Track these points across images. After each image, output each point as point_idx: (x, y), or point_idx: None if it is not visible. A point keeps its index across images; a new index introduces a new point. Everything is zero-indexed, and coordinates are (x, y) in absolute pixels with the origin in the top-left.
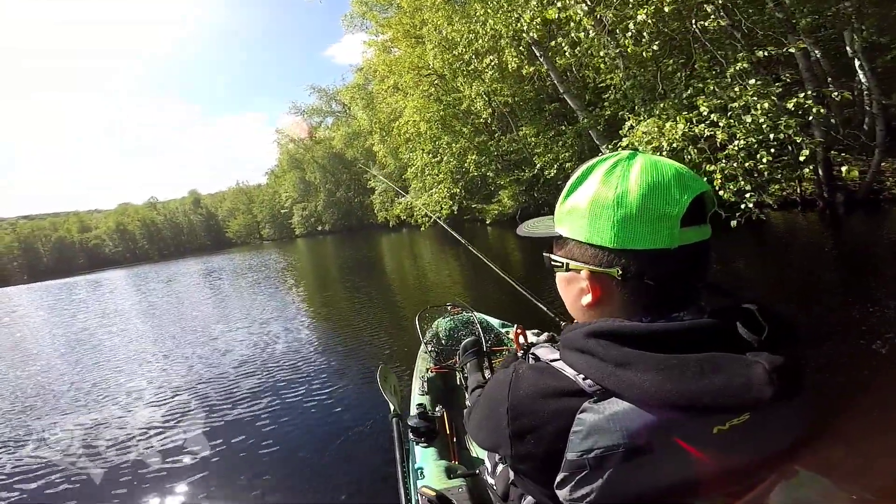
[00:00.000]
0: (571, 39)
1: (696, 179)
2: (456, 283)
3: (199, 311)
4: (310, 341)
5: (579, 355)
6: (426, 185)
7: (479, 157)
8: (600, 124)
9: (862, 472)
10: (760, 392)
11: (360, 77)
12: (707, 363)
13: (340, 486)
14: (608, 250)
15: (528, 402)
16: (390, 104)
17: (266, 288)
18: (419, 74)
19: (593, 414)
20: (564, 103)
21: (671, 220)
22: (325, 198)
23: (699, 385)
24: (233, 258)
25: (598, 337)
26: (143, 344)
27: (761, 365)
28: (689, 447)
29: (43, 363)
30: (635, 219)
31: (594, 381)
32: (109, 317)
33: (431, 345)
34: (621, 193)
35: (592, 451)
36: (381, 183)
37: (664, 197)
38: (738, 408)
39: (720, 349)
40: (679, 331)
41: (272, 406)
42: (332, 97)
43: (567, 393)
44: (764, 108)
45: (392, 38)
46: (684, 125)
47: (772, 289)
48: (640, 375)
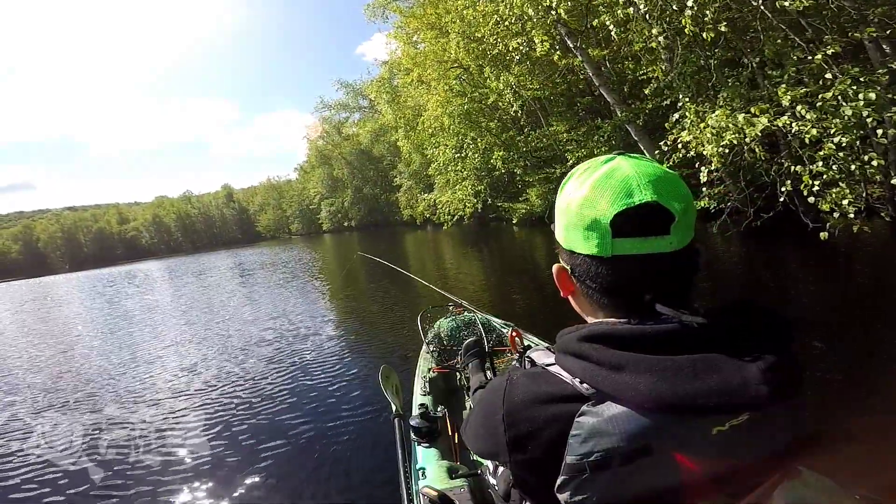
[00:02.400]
0: (616, 17)
1: (649, 188)
2: (474, 284)
3: (208, 308)
4: (313, 339)
5: (574, 359)
6: (450, 182)
7: (507, 153)
8: (640, 118)
9: (867, 472)
10: (757, 391)
11: (386, 71)
12: (701, 364)
13: (342, 486)
14: (564, 249)
15: (524, 408)
16: (413, 97)
17: (280, 284)
18: (443, 67)
19: (592, 417)
20: (598, 97)
21: (600, 229)
22: (352, 194)
23: (694, 386)
24: (260, 252)
25: (592, 340)
26: (144, 339)
27: (756, 364)
28: (689, 449)
29: (78, 348)
30: (573, 224)
31: (590, 384)
32: (134, 308)
33: (433, 345)
34: (571, 199)
35: (592, 454)
36: (406, 180)
37: (595, 205)
38: (735, 408)
39: (714, 349)
40: (671, 332)
41: (272, 406)
42: (358, 92)
43: (563, 397)
44: (869, 98)
45: (415, 30)
46: (768, 117)
47: (831, 306)
48: (634, 378)
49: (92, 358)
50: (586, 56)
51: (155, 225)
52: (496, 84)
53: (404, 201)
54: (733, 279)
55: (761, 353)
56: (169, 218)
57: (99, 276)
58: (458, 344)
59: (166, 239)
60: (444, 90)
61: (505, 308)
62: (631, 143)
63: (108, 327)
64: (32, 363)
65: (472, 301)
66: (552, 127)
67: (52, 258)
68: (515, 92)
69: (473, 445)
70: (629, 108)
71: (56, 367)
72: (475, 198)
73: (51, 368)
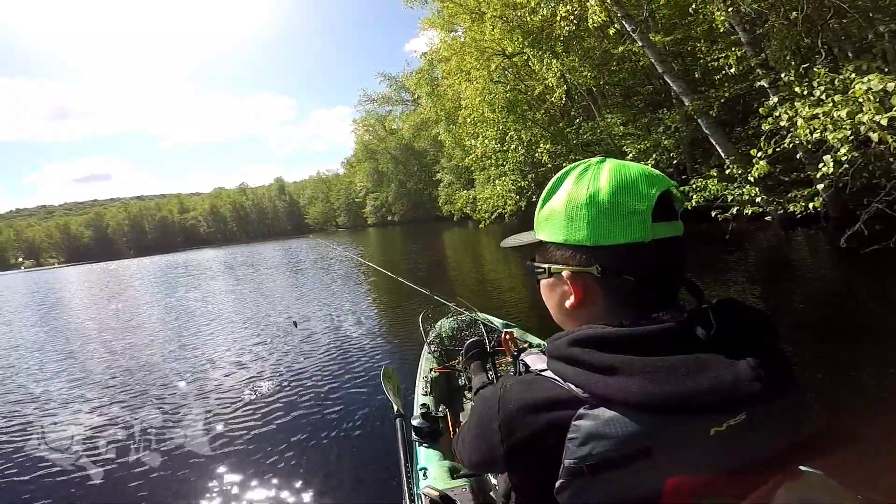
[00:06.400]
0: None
1: (661, 178)
2: (512, 290)
3: (222, 301)
4: (313, 339)
5: (565, 365)
6: (491, 178)
7: (554, 145)
8: (714, 108)
9: (870, 473)
10: (750, 388)
11: (426, 63)
12: (693, 363)
13: (343, 486)
14: (586, 248)
15: (521, 416)
16: (453, 86)
17: (288, 282)
18: (483, 56)
19: (589, 420)
20: (658, 88)
21: (642, 214)
22: (396, 188)
23: (686, 386)
24: (306, 243)
25: (582, 345)
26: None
27: (747, 362)
28: (688, 452)
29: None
30: (608, 215)
31: (583, 389)
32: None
33: (435, 345)
34: (594, 192)
35: (589, 457)
36: (447, 174)
37: (633, 192)
38: (730, 406)
39: (705, 349)
40: (660, 332)
41: (272, 406)
42: (401, 85)
43: (558, 403)
44: None
45: (452, 15)
46: None
47: None
48: (626, 380)
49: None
50: (647, 40)
51: (212, 215)
52: (540, 66)
53: (444, 196)
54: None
55: (751, 351)
56: (225, 208)
57: (168, 263)
58: (460, 344)
59: (222, 228)
60: (485, 79)
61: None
62: (699, 139)
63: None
64: (103, 343)
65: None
66: (605, 119)
67: (119, 244)
68: (562, 77)
69: (467, 458)
70: (701, 96)
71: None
72: (517, 194)
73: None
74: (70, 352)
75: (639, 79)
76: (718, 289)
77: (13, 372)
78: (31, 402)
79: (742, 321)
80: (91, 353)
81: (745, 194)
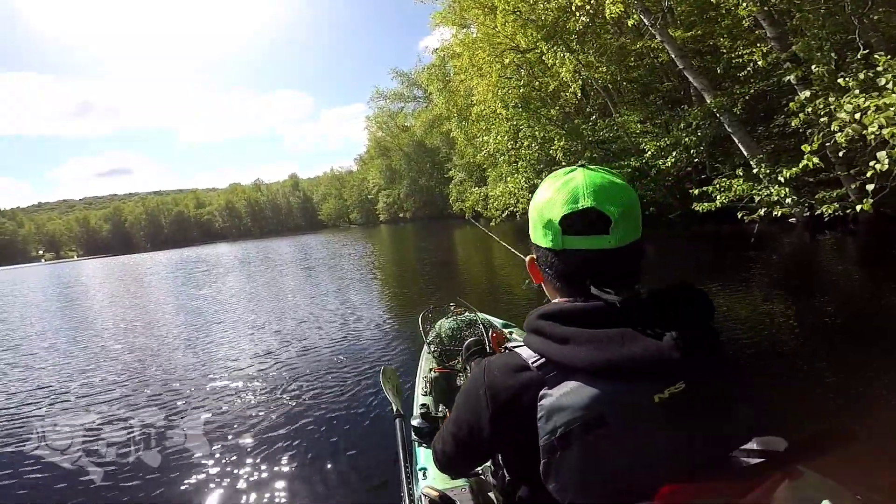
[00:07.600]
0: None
1: (591, 197)
2: (518, 288)
3: (225, 300)
4: (313, 339)
5: (533, 336)
6: (503, 175)
7: (569, 142)
8: (738, 105)
9: (868, 473)
10: (670, 354)
11: (438, 58)
12: (628, 335)
13: (342, 486)
14: (532, 244)
15: (502, 377)
16: (465, 82)
17: (312, 276)
18: (495, 52)
19: (549, 398)
20: (678, 84)
21: (553, 227)
22: (408, 185)
23: (622, 353)
24: (317, 239)
25: (547, 318)
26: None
27: (670, 334)
28: (638, 417)
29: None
30: (535, 222)
31: (545, 356)
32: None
33: (434, 345)
34: (536, 201)
35: (556, 430)
36: (459, 172)
37: (551, 208)
38: (659, 371)
39: (640, 323)
40: (602, 309)
41: (271, 406)
42: (413, 82)
43: (527, 367)
44: None
45: (464, 9)
46: None
47: None
48: (576, 348)
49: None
50: (666, 35)
51: (228, 210)
52: (552, 59)
53: (455, 194)
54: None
55: (678, 325)
56: (240, 204)
57: (182, 258)
58: (459, 344)
59: (237, 223)
60: (498, 73)
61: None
62: (722, 136)
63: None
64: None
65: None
66: (623, 116)
67: (137, 238)
68: (576, 72)
69: (450, 440)
70: (724, 93)
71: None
72: (530, 192)
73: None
74: (77, 346)
75: (657, 76)
76: (749, 294)
77: (16, 366)
78: (30, 396)
79: (677, 301)
80: (98, 348)
81: (773, 195)
